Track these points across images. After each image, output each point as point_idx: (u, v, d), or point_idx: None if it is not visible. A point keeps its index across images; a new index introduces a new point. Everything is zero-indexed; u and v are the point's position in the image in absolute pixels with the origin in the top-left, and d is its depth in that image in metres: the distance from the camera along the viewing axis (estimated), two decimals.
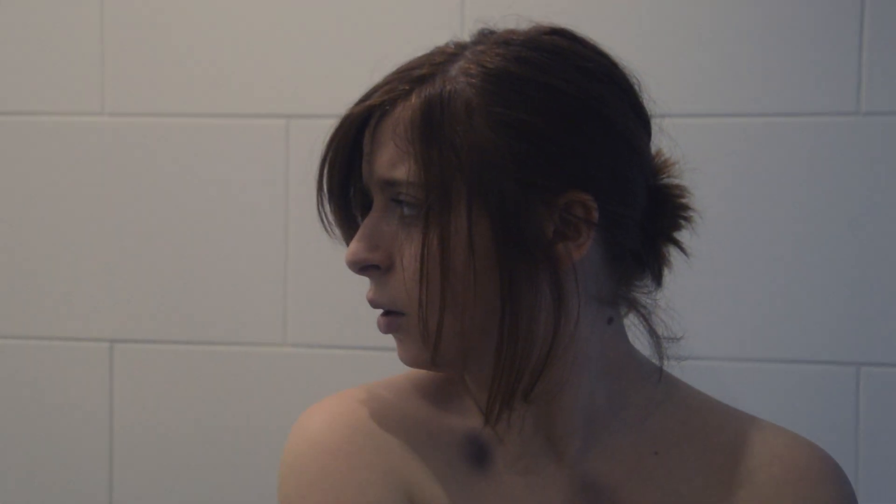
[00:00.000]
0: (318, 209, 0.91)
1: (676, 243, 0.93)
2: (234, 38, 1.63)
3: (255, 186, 1.63)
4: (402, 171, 0.83)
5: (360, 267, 0.87)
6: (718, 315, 1.52)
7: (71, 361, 1.67)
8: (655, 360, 0.93)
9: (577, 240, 0.84)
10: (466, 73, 0.83)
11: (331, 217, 0.91)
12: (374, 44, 1.60)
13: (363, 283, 0.97)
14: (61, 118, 1.66)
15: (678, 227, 0.92)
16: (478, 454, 0.90)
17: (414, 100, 0.83)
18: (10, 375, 1.69)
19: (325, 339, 1.62)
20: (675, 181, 0.92)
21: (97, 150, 1.66)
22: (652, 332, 0.92)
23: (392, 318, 0.87)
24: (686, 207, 0.93)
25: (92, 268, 1.66)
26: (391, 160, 0.84)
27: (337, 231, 0.92)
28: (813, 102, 1.51)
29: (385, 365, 1.61)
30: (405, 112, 0.84)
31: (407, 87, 0.84)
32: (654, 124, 0.92)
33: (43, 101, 1.67)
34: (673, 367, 0.94)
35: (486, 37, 0.87)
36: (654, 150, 0.92)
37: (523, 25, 0.89)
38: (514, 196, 0.81)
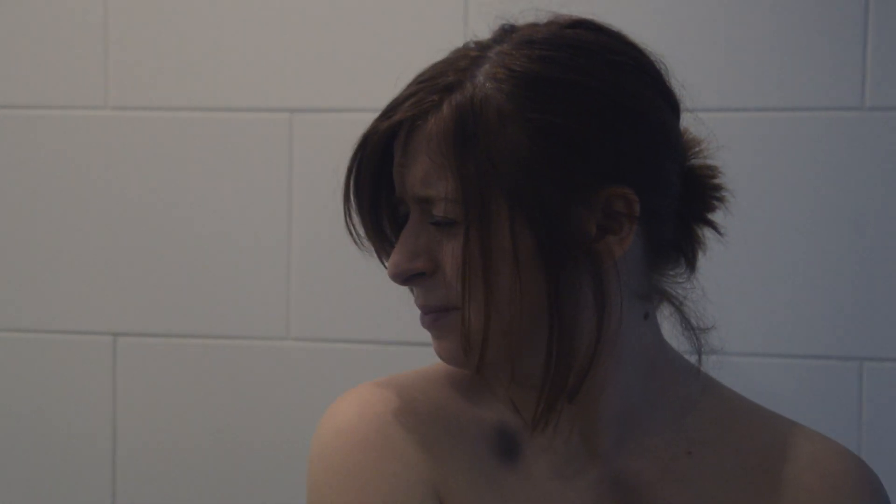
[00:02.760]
0: (346, 222, 0.89)
1: (711, 224, 0.92)
2: (237, 31, 1.63)
3: (258, 180, 1.63)
4: (440, 188, 0.82)
5: (404, 278, 0.86)
6: (720, 311, 1.52)
7: (74, 354, 1.67)
8: (688, 355, 0.93)
9: (620, 234, 0.83)
10: (494, 78, 0.81)
11: (360, 230, 0.89)
12: (377, 37, 1.59)
13: (367, 277, 0.97)
14: (64, 112, 1.66)
15: (712, 209, 0.91)
16: (507, 448, 0.90)
17: (445, 111, 0.81)
18: (13, 368, 1.69)
19: (329, 333, 1.62)
20: (706, 162, 0.91)
21: (100, 144, 1.66)
22: (687, 325, 0.91)
23: (439, 315, 0.86)
24: (719, 188, 0.91)
25: (95, 261, 1.66)
26: (425, 176, 0.83)
27: (366, 243, 0.90)
28: (817, 97, 1.51)
29: (388, 359, 1.61)
30: (437, 125, 0.82)
31: (436, 98, 0.82)
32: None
33: (46, 95, 1.67)
34: (701, 362, 0.93)
35: (507, 34, 0.86)
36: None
37: (543, 17, 0.87)
38: (554, 201, 0.80)
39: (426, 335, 0.89)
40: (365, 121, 0.86)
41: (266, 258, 1.63)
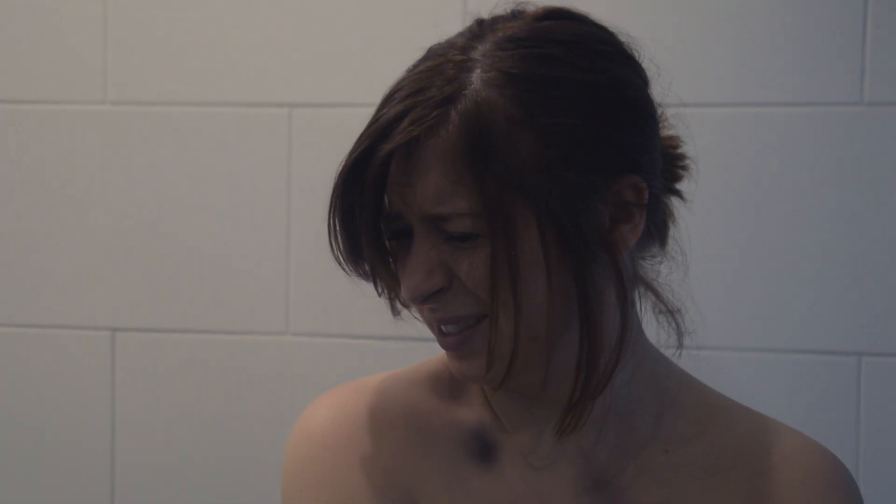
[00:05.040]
0: (335, 248, 0.85)
1: (677, 193, 0.92)
2: (236, 26, 1.63)
3: (257, 175, 1.63)
4: (456, 205, 0.79)
5: (424, 297, 0.83)
6: (719, 305, 1.52)
7: (73, 350, 1.67)
8: (664, 345, 0.93)
9: (631, 222, 0.83)
10: (493, 84, 0.79)
11: (348, 253, 0.86)
12: (377, 32, 1.59)
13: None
14: (64, 107, 1.66)
15: (679, 179, 0.91)
16: (483, 449, 0.89)
17: (452, 126, 0.78)
18: (12, 364, 1.69)
19: (328, 328, 1.62)
20: (669, 133, 0.91)
21: (99, 139, 1.66)
22: (664, 309, 0.90)
23: (468, 333, 0.83)
24: (683, 157, 0.92)
25: (94, 256, 1.66)
26: (438, 194, 0.79)
27: (349, 266, 0.87)
28: (816, 92, 1.51)
29: (387, 354, 1.61)
30: (446, 140, 0.79)
31: (439, 113, 0.79)
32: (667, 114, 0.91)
33: (45, 90, 1.66)
34: (674, 356, 0.94)
35: (483, 31, 0.83)
36: None
37: (508, 7, 0.86)
38: (577, 202, 0.80)
39: (426, 331, 0.89)
40: (364, 116, 0.85)
41: (265, 253, 1.63)
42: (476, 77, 0.80)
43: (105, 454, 1.67)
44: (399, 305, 0.89)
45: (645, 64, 0.88)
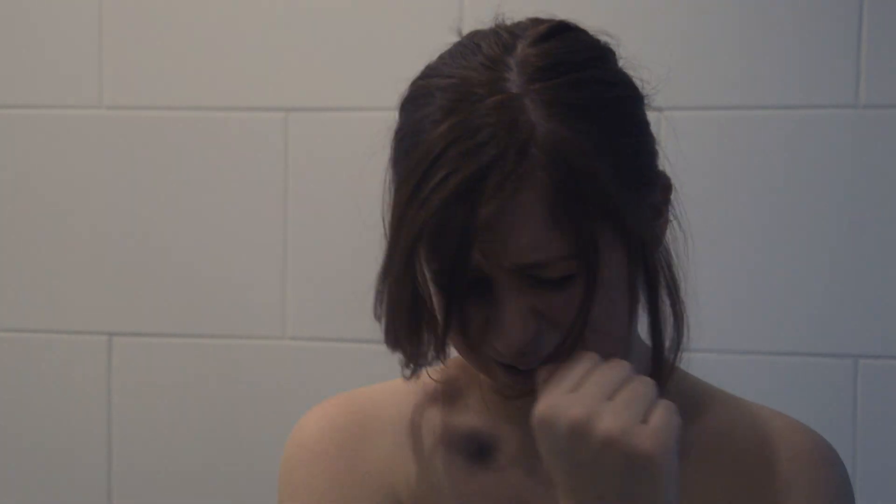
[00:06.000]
0: (392, 315, 0.89)
1: None
2: (232, 30, 1.63)
3: (253, 179, 1.63)
4: (551, 251, 0.77)
5: (525, 349, 0.81)
6: (715, 308, 1.52)
7: (69, 354, 1.67)
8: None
9: (663, 217, 0.85)
10: (552, 119, 0.77)
11: (420, 324, 0.86)
12: (373, 36, 1.59)
13: (363, 276, 0.97)
14: (59, 111, 1.66)
15: None
16: (479, 452, 0.90)
17: (539, 174, 0.76)
18: (8, 369, 1.69)
19: (325, 332, 1.62)
20: None
21: (95, 144, 1.66)
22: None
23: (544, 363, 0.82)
24: None
25: (90, 261, 1.66)
26: (533, 243, 0.77)
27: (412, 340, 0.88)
28: (811, 95, 1.51)
29: (385, 359, 1.61)
30: (537, 189, 0.76)
31: (525, 165, 0.76)
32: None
33: (41, 95, 1.66)
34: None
35: (497, 59, 0.80)
36: None
37: (508, 20, 0.86)
38: (648, 216, 0.82)
39: None
40: (361, 120, 0.85)
41: (262, 257, 1.63)
42: (533, 115, 0.77)
43: (102, 459, 1.67)
44: (423, 360, 0.88)
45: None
